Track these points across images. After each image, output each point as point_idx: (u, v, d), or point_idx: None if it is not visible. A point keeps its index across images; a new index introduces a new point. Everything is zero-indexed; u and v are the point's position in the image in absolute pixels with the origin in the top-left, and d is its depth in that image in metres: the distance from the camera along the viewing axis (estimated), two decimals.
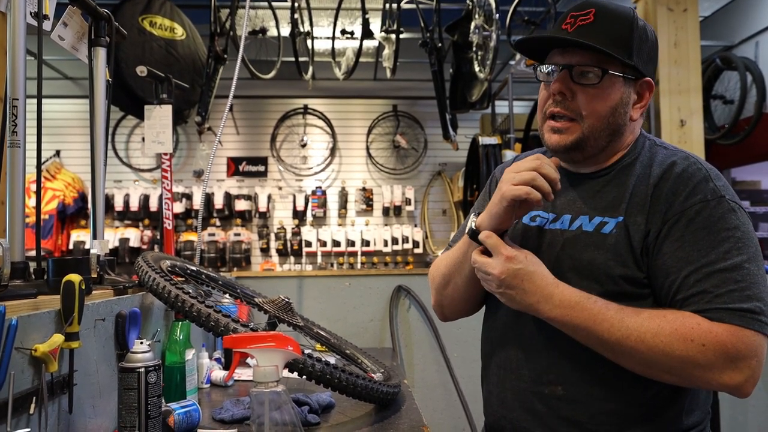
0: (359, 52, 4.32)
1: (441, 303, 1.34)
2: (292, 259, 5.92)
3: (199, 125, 4.01)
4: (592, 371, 1.08)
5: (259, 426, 1.02)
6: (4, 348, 0.90)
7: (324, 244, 5.81)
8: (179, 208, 5.60)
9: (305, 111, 6.11)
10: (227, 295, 1.94)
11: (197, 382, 1.67)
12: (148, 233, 5.64)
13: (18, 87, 1.19)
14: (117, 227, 5.71)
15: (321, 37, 4.87)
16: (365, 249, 5.85)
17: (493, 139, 4.45)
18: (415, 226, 6.01)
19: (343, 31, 4.59)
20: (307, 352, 1.33)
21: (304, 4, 4.36)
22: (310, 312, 2.75)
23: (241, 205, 5.81)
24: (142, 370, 1.15)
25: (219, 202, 5.73)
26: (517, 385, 1.16)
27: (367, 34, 4.25)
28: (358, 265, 5.92)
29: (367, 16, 4.22)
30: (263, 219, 5.96)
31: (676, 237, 1.03)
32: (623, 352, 1.01)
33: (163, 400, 1.26)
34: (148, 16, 3.78)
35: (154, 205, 5.64)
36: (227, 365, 2.00)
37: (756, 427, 2.71)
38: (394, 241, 5.86)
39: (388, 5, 4.21)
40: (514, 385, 1.17)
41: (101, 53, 1.55)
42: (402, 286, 2.82)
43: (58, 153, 5.82)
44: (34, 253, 1.30)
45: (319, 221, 6.02)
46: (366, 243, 5.85)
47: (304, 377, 1.32)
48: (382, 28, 4.26)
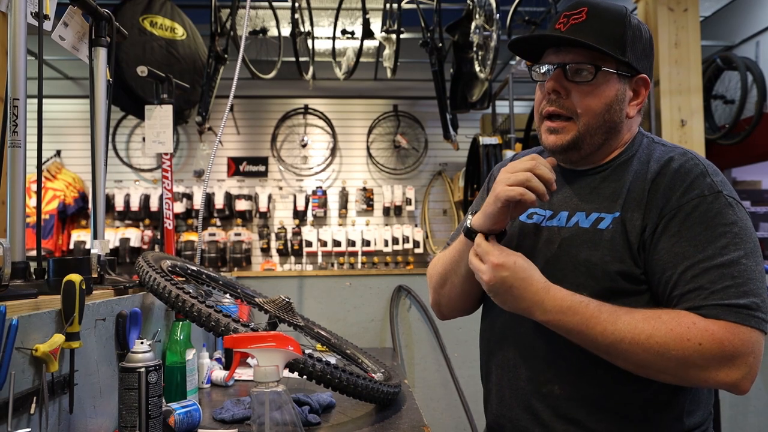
0: (360, 52, 4.32)
1: (439, 302, 1.34)
2: (292, 259, 5.92)
3: (200, 125, 4.01)
4: (588, 371, 1.08)
5: (260, 426, 1.02)
6: (5, 348, 0.90)
7: (324, 244, 5.81)
8: (180, 208, 5.60)
9: (306, 111, 6.11)
10: (228, 295, 1.94)
11: (198, 382, 1.67)
12: (148, 233, 5.64)
13: (19, 87, 1.19)
14: (117, 227, 5.71)
15: (321, 37, 4.86)
16: (366, 249, 5.85)
17: (494, 139, 4.44)
18: (416, 226, 6.00)
19: (344, 31, 4.59)
20: (307, 352, 1.33)
21: (304, 4, 4.36)
22: (311, 312, 2.75)
23: (241, 205, 5.80)
24: (143, 370, 1.15)
25: (219, 202, 5.73)
26: (516, 384, 1.16)
27: (367, 34, 4.25)
28: (359, 265, 5.92)
29: (367, 16, 4.22)
30: (264, 219, 5.96)
31: (673, 232, 1.03)
32: (617, 354, 1.01)
33: (163, 400, 1.26)
34: (149, 16, 3.79)
35: (154, 205, 5.64)
36: (228, 365, 2.00)
37: (756, 427, 2.71)
38: (395, 241, 5.86)
39: (388, 5, 4.21)
40: (512, 384, 1.17)
41: (102, 53, 1.55)
42: (402, 286, 2.82)
43: (58, 153, 5.82)
44: (34, 253, 1.30)
45: (320, 221, 6.02)
46: (366, 243, 5.84)
47: (305, 377, 1.32)
48: (382, 28, 4.25)
